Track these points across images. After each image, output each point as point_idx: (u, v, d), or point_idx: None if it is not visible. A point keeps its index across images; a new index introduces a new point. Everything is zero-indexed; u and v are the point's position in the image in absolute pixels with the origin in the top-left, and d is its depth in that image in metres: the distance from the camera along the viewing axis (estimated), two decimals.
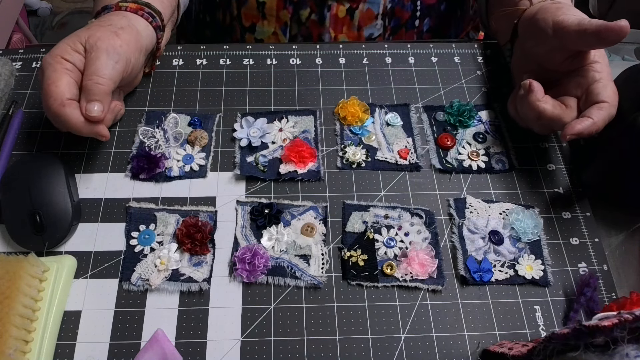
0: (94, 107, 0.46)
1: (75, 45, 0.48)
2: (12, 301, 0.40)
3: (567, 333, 0.32)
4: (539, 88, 0.49)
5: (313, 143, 0.54)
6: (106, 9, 0.53)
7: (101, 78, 0.46)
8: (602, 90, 0.47)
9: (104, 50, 0.47)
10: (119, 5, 0.53)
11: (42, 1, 1.90)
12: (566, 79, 0.51)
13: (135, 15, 0.52)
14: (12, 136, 0.53)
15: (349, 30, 0.68)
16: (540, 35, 0.51)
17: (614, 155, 0.49)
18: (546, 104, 0.48)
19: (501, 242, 0.48)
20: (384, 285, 0.47)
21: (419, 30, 0.72)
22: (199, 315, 0.45)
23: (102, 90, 0.46)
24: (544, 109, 0.48)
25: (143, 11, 0.53)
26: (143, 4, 0.54)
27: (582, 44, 0.48)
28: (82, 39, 0.48)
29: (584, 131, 0.45)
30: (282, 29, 0.69)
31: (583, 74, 0.49)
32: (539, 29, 0.51)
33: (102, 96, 0.46)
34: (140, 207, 0.50)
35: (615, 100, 0.47)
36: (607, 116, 0.46)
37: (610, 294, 0.47)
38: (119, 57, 0.48)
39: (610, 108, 0.47)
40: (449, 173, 0.53)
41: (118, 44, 0.48)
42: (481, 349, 0.44)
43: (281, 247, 0.48)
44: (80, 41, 0.48)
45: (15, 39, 1.41)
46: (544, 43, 0.51)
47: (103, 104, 0.46)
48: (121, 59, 0.48)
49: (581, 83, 0.49)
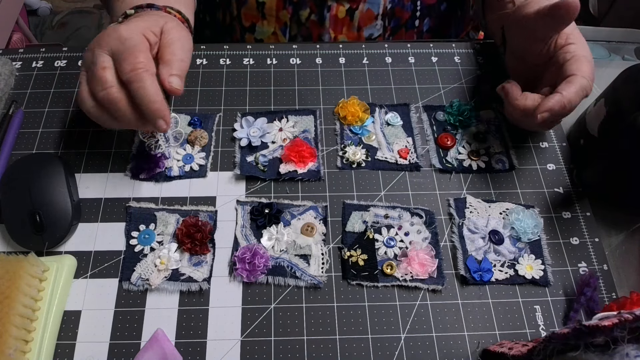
0: (177, 80, 0.45)
1: (154, 28, 0.47)
2: (12, 301, 0.40)
3: (567, 333, 0.32)
4: (513, 88, 0.50)
5: (313, 143, 0.54)
6: (140, 8, 0.51)
7: (182, 58, 0.46)
8: (571, 66, 0.48)
9: (178, 39, 0.47)
10: (166, 8, 0.51)
11: (42, 1, 1.90)
12: (545, 70, 0.52)
13: (177, 19, 0.52)
14: (12, 136, 0.53)
15: (349, 30, 0.68)
16: (517, 31, 0.53)
17: (614, 155, 0.49)
18: (525, 100, 0.49)
19: (501, 241, 0.48)
20: (384, 285, 0.47)
21: (419, 30, 0.72)
22: (199, 315, 0.45)
23: (184, 67, 0.46)
24: (524, 105, 0.49)
25: (181, 16, 0.53)
26: (176, 11, 0.53)
27: (544, 28, 0.49)
28: (160, 24, 0.47)
29: (553, 106, 0.45)
30: (282, 29, 0.69)
31: (556, 59, 0.50)
32: (517, 26, 0.53)
33: (183, 73, 0.46)
34: (140, 207, 0.50)
35: (587, 73, 0.47)
36: (578, 89, 0.46)
37: (610, 294, 0.47)
38: (190, 47, 0.49)
39: (581, 80, 0.47)
40: (449, 173, 0.53)
41: (187, 36, 0.49)
42: (481, 348, 0.44)
43: (281, 246, 0.48)
44: (159, 25, 0.47)
45: (15, 39, 1.41)
46: (518, 37, 0.53)
47: (182, 82, 0.45)
48: (191, 49, 0.49)
49: (556, 68, 0.50)
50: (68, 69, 0.59)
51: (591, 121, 0.53)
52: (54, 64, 0.60)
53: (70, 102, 0.57)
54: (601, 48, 0.70)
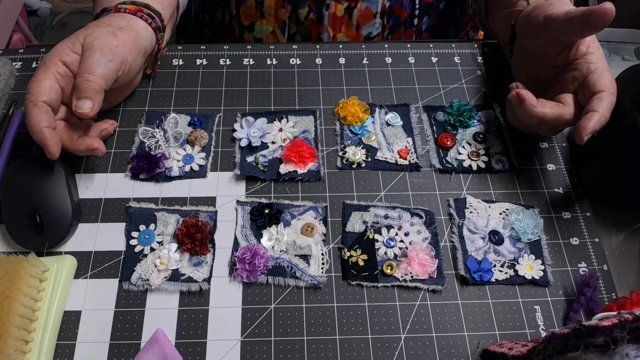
0: (84, 104, 0.45)
1: (74, 46, 0.48)
2: (12, 301, 0.40)
3: (567, 333, 0.32)
4: (529, 95, 0.48)
5: (313, 143, 0.54)
6: (105, 11, 0.53)
7: (92, 75, 0.46)
8: (598, 79, 0.47)
9: (99, 49, 0.47)
10: (118, 7, 0.53)
11: (42, 1, 1.90)
12: (562, 74, 0.51)
13: (134, 17, 0.52)
14: (12, 136, 0.53)
15: (348, 29, 0.68)
16: (533, 31, 0.51)
17: (614, 155, 0.49)
18: (543, 107, 0.48)
19: (501, 242, 0.48)
20: (384, 285, 0.47)
21: (418, 29, 0.72)
22: (199, 315, 0.45)
23: (93, 87, 0.46)
24: (544, 114, 0.47)
25: (142, 12, 0.53)
26: (142, 5, 0.53)
27: (571, 32, 0.48)
28: (80, 39, 0.48)
29: (595, 127, 0.45)
30: (280, 28, 0.69)
31: (577, 67, 0.49)
32: (532, 25, 0.51)
33: (92, 94, 0.46)
34: (140, 207, 0.50)
35: (613, 88, 0.47)
36: (609, 104, 0.46)
37: (610, 294, 0.47)
38: (114, 56, 0.48)
39: (610, 96, 0.46)
40: (449, 173, 0.53)
41: (114, 44, 0.48)
42: (481, 349, 0.44)
43: (281, 247, 0.48)
44: (79, 41, 0.48)
45: (15, 39, 1.41)
46: (537, 38, 0.51)
47: (94, 102, 0.46)
48: (116, 58, 0.48)
49: (576, 76, 0.49)
50: None
51: None
52: None
53: None
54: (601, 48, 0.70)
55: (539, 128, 0.51)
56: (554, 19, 0.48)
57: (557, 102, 0.49)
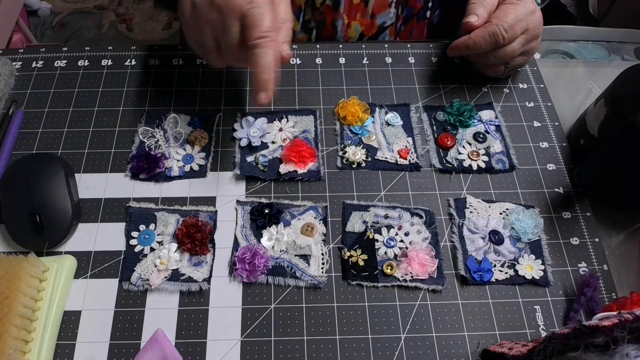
0: (287, 47, 0.47)
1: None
2: (12, 301, 0.40)
3: (567, 333, 0.32)
4: (460, 40, 0.56)
5: (313, 143, 0.54)
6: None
7: (288, 22, 0.47)
8: (496, 13, 0.53)
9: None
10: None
11: (42, 1, 1.91)
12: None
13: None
14: (12, 136, 0.53)
15: (363, 17, 0.68)
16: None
17: (614, 155, 0.49)
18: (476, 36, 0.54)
19: (501, 242, 0.48)
20: (384, 285, 0.47)
21: (430, 21, 0.73)
22: (199, 315, 0.45)
23: (289, 29, 0.47)
24: (456, 44, 0.56)
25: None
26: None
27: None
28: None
29: (459, 44, 0.55)
30: (295, 13, 0.68)
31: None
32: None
33: (289, 38, 0.47)
34: (140, 207, 0.50)
35: (505, 19, 0.52)
36: (486, 33, 0.52)
37: (610, 294, 0.47)
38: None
39: (491, 27, 0.52)
40: (449, 173, 0.53)
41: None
42: (481, 349, 0.44)
43: (281, 247, 0.48)
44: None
45: (15, 39, 1.41)
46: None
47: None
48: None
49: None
50: (68, 69, 0.59)
51: (591, 121, 0.53)
52: (54, 64, 0.60)
53: (70, 102, 0.57)
54: (601, 48, 0.70)
55: (495, 58, 0.55)
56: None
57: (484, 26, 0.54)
